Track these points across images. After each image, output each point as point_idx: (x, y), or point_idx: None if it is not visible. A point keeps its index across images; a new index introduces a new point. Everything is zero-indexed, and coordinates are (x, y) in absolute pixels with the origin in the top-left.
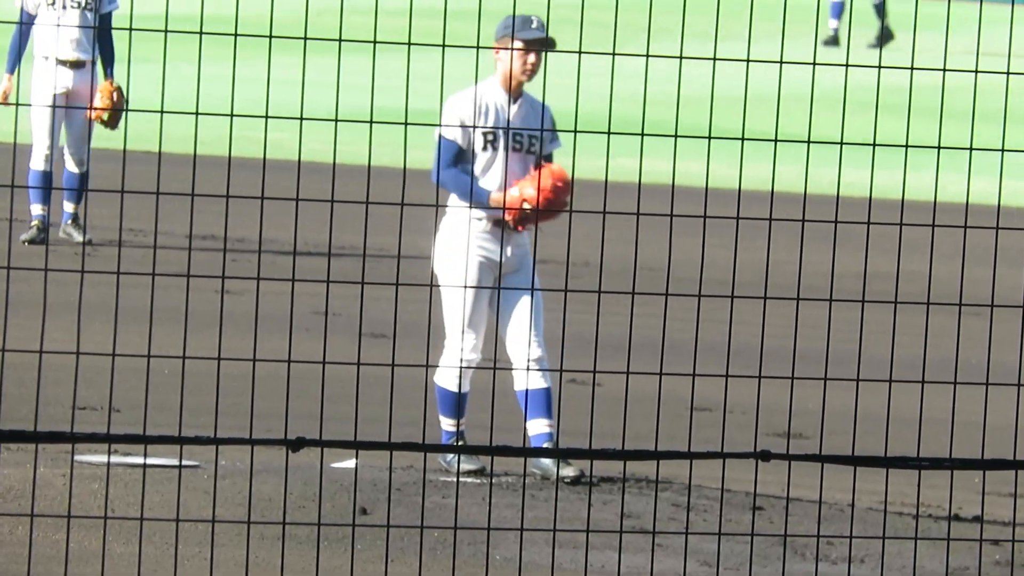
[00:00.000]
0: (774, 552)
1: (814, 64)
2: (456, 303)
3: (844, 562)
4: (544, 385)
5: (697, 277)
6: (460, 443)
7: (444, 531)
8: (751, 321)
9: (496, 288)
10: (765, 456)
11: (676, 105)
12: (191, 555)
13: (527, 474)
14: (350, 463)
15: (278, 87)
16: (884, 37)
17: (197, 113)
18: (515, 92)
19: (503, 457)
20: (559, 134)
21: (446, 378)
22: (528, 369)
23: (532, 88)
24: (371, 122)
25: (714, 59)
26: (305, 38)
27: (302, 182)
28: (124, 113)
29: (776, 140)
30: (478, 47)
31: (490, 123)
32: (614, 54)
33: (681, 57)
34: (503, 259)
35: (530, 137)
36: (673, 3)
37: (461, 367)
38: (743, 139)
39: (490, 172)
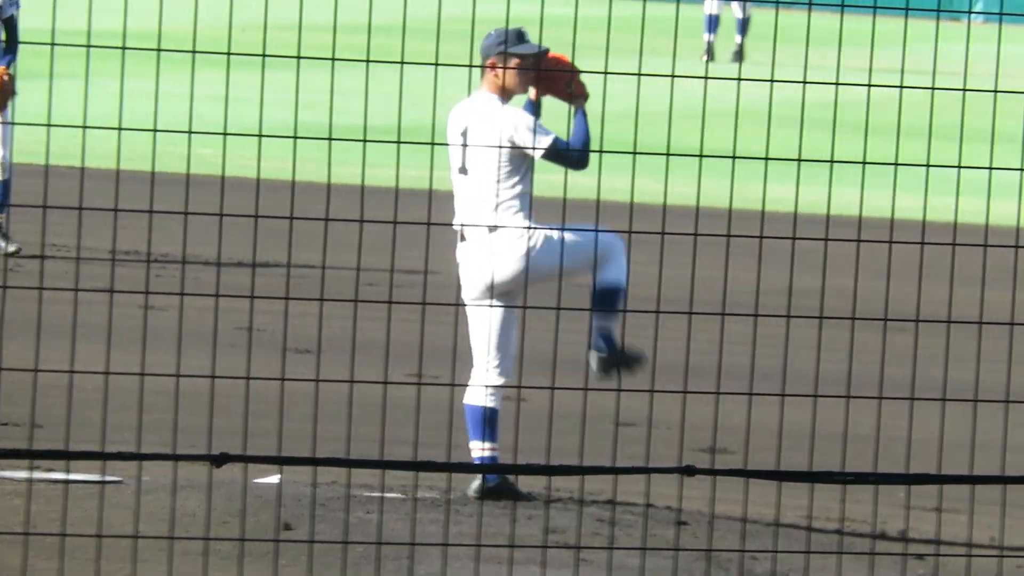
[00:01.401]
0: (698, 567)
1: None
2: (472, 322)
3: None
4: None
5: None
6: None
7: (368, 547)
8: (677, 337)
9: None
10: (690, 471)
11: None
12: (113, 571)
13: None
14: (274, 479)
15: (201, 103)
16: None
17: (120, 128)
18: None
19: (428, 472)
20: (543, 133)
21: (475, 395)
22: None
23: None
24: (295, 137)
25: (672, 75)
26: (229, 53)
27: (226, 197)
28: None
29: (701, 156)
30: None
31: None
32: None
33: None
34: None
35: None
36: (594, 22)
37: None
38: (668, 154)
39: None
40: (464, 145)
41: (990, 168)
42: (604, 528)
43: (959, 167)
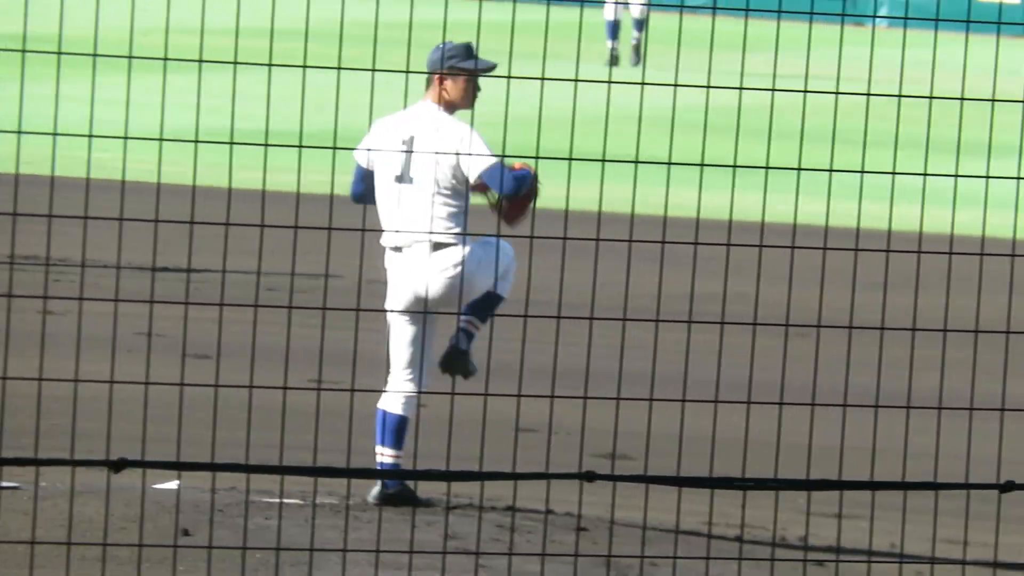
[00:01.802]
0: (598, 573)
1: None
2: (395, 332)
3: None
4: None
5: (523, 299)
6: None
7: (266, 552)
8: (577, 342)
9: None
10: (590, 477)
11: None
12: None
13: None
14: (172, 484)
15: (101, 107)
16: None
17: (20, 132)
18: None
19: (327, 478)
20: (479, 161)
21: (391, 402)
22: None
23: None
24: (196, 141)
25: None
26: (130, 57)
27: (126, 202)
28: None
29: (603, 160)
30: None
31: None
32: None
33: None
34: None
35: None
36: (497, 26)
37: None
38: (570, 159)
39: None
40: (409, 151)
41: (893, 173)
42: (504, 534)
43: (862, 172)
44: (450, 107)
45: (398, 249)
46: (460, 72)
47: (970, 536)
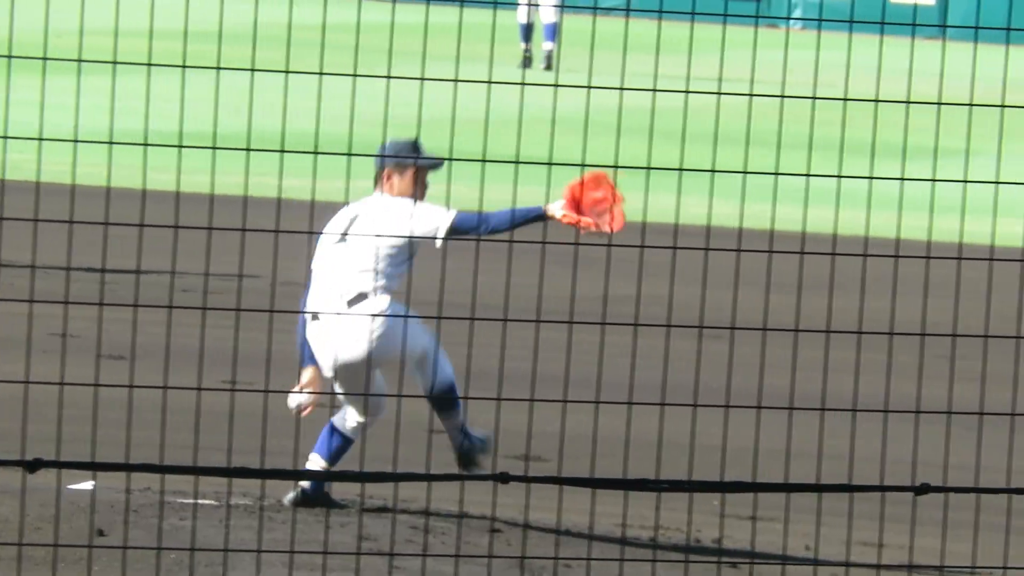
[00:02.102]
0: (512, 575)
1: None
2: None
3: None
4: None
5: (435, 300)
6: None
7: (181, 553)
8: (491, 344)
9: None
10: (504, 478)
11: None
12: None
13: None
14: (88, 485)
15: (12, 108)
16: (527, 62)
17: None
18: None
19: (241, 479)
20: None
21: (345, 422)
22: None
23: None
24: (111, 143)
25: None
26: (45, 59)
27: (41, 203)
28: None
29: (517, 162)
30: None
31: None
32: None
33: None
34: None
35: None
36: (410, 28)
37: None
38: (484, 161)
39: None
40: (353, 219)
41: (807, 175)
42: (418, 536)
43: (776, 174)
44: (413, 196)
45: (316, 318)
46: (408, 166)
47: (885, 538)
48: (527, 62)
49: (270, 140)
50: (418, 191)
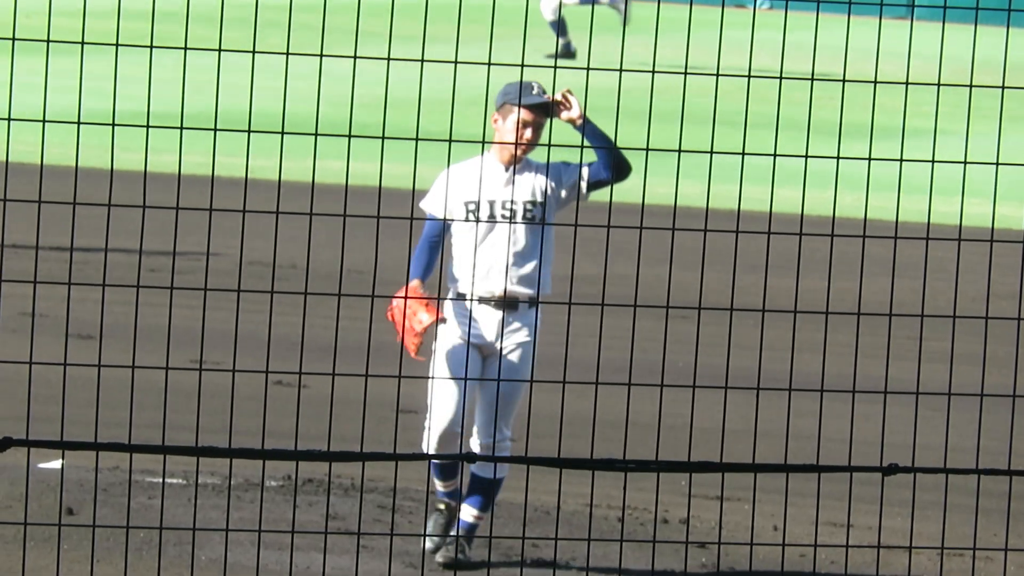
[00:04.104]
0: (478, 554)
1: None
2: (437, 377)
3: (549, 565)
4: (488, 475)
5: (404, 280)
6: (445, 508)
7: (150, 531)
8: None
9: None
10: (470, 458)
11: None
12: None
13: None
14: (57, 463)
15: None
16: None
17: None
18: (509, 161)
19: (208, 458)
20: (577, 165)
21: (428, 444)
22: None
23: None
24: (79, 124)
25: (455, 62)
26: (14, 39)
27: (9, 183)
28: None
29: (483, 142)
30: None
31: (477, 195)
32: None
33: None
34: (490, 341)
35: (527, 204)
36: (381, 6)
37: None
38: (450, 141)
39: (483, 246)
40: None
41: (774, 155)
42: (385, 515)
43: (743, 154)
44: (502, 149)
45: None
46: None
47: (853, 519)
48: (567, 53)
49: (237, 120)
50: (527, 135)
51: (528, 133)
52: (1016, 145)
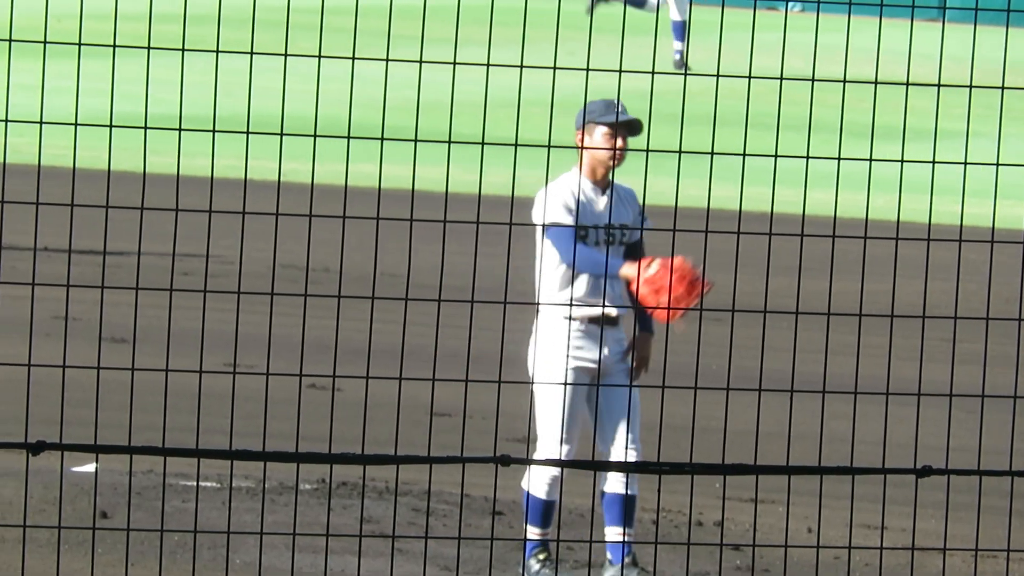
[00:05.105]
0: (513, 557)
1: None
2: (551, 408)
3: (584, 567)
4: (628, 492)
5: (437, 283)
6: (546, 556)
7: (184, 535)
8: (491, 327)
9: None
10: (505, 461)
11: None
12: None
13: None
14: (90, 467)
15: (12, 92)
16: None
17: None
18: (602, 182)
19: (242, 461)
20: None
21: (535, 484)
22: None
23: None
24: (111, 127)
25: (487, 64)
26: (45, 42)
27: (42, 187)
28: None
29: (516, 144)
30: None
31: (581, 217)
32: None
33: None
34: (601, 359)
35: (622, 227)
36: (413, 9)
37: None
38: (483, 144)
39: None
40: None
41: (807, 157)
42: (419, 518)
43: (775, 156)
44: (593, 169)
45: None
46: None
47: (887, 521)
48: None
49: (269, 124)
50: (610, 155)
51: (620, 148)
52: None
